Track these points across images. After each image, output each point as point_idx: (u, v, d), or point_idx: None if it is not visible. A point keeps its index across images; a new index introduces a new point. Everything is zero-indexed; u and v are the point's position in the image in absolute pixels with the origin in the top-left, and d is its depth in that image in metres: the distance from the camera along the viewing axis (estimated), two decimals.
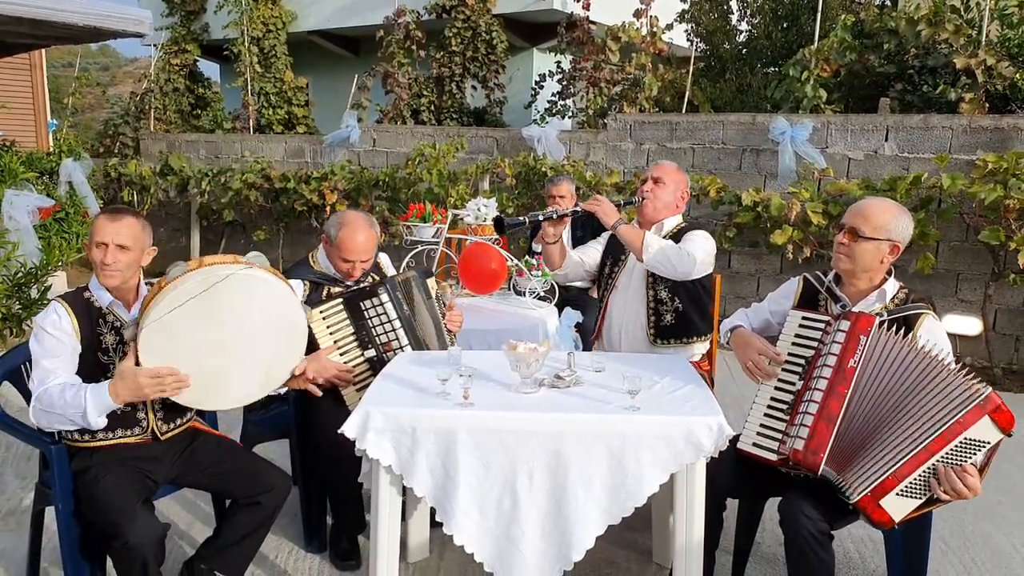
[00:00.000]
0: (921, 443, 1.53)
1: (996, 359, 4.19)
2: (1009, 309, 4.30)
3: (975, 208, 4.03)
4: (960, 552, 2.30)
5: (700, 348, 2.43)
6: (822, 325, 1.73)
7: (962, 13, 4.87)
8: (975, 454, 1.53)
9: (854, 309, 1.75)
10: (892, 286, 1.77)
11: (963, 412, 1.51)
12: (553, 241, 2.36)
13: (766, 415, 1.74)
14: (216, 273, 1.59)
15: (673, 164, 2.43)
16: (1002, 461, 3.00)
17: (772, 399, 1.75)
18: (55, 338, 1.69)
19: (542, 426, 1.61)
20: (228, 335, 1.65)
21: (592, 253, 2.55)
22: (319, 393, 1.97)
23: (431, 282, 2.30)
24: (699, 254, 2.20)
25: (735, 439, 1.71)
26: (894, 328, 1.64)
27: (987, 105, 4.58)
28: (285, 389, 1.94)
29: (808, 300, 1.86)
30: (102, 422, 1.68)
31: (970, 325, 4.27)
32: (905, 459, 1.54)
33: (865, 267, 1.74)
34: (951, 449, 1.52)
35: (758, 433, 1.74)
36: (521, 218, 2.17)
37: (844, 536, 2.26)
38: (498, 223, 2.16)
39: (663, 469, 1.61)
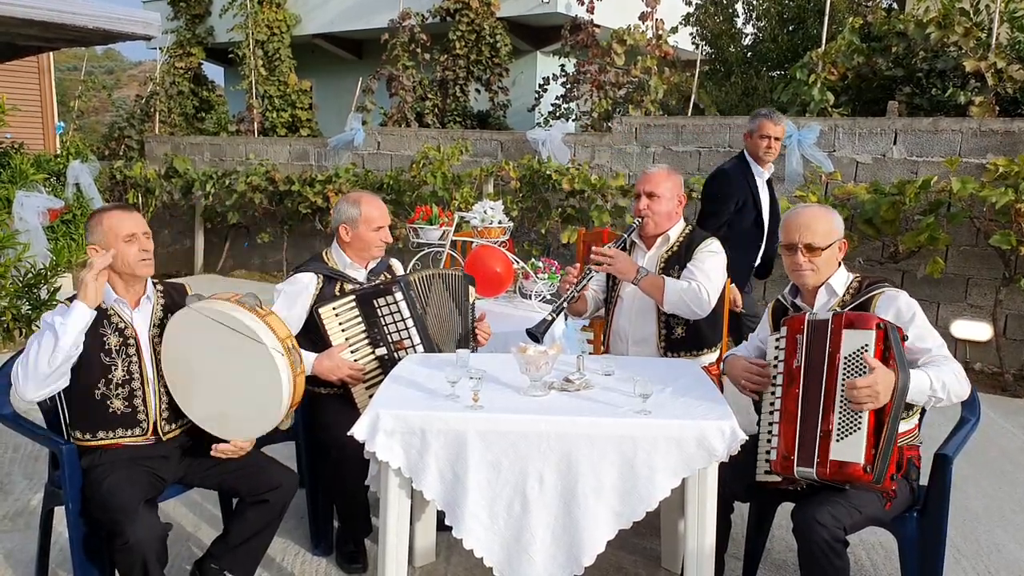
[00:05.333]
0: (821, 392, 1.60)
1: (1007, 365, 4.16)
2: (1020, 314, 4.27)
3: (985, 212, 4.01)
4: (973, 560, 2.28)
5: (709, 357, 2.41)
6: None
7: (971, 16, 4.85)
8: (864, 360, 1.55)
9: (814, 310, 1.78)
10: (841, 278, 1.80)
11: (827, 342, 1.60)
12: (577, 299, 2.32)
13: (768, 441, 1.76)
14: (260, 333, 1.69)
15: (663, 169, 2.35)
16: (1016, 470, 2.97)
17: (768, 423, 1.77)
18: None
19: (553, 429, 1.60)
20: (223, 371, 1.74)
21: (598, 279, 2.48)
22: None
23: (472, 289, 2.32)
24: (714, 290, 2.24)
25: (746, 443, 1.69)
26: (830, 318, 1.67)
27: (997, 108, 4.55)
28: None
29: (778, 320, 1.90)
30: (70, 333, 1.62)
31: (980, 330, 4.24)
32: (820, 414, 1.60)
33: (829, 273, 1.80)
34: (844, 374, 1.57)
35: (766, 460, 1.75)
36: (547, 317, 2.13)
37: (856, 543, 2.24)
38: (533, 336, 2.10)
39: (675, 473, 1.59)
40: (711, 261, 2.27)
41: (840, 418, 1.57)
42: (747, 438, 1.63)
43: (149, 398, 1.79)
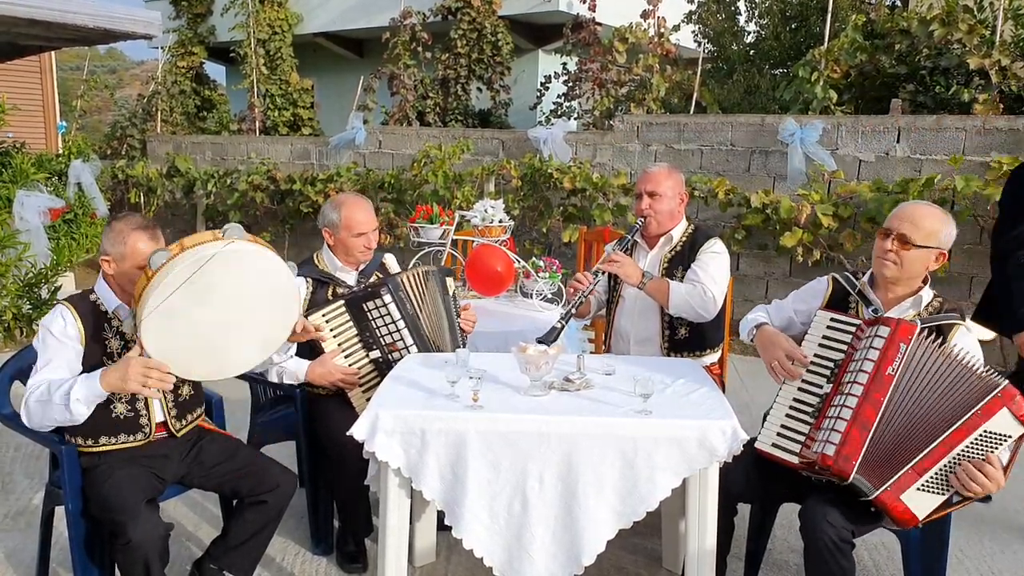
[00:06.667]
0: (940, 436, 1.52)
1: (1010, 364, 4.14)
2: None
3: (989, 211, 3.99)
4: (977, 561, 2.26)
5: (711, 357, 2.40)
6: (852, 328, 1.70)
7: (975, 13, 4.82)
8: (997, 447, 1.51)
9: (888, 314, 1.72)
10: (928, 294, 1.74)
11: (981, 404, 1.50)
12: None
13: (788, 416, 1.71)
14: (201, 254, 1.58)
15: (663, 167, 2.33)
16: (1021, 470, 2.95)
17: (795, 400, 1.71)
18: (59, 341, 1.68)
19: (552, 429, 1.59)
20: (224, 309, 1.64)
21: (601, 281, 2.46)
22: (325, 338, 1.97)
23: (450, 280, 2.29)
24: (720, 293, 2.23)
25: (749, 444, 1.68)
26: (931, 336, 1.62)
27: (1001, 106, 4.53)
28: (289, 349, 1.97)
29: (837, 301, 1.82)
30: (83, 411, 1.61)
31: (984, 330, 4.21)
32: (925, 453, 1.53)
33: (910, 275, 1.71)
34: (971, 442, 1.51)
35: (778, 434, 1.70)
36: (557, 324, 2.11)
37: (858, 543, 2.22)
38: (543, 342, 2.05)
39: (675, 473, 1.59)
40: (716, 263, 2.26)
41: (936, 473, 1.53)
42: (748, 438, 1.62)
43: (152, 401, 1.78)
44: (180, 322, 1.60)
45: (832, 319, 1.74)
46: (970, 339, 1.66)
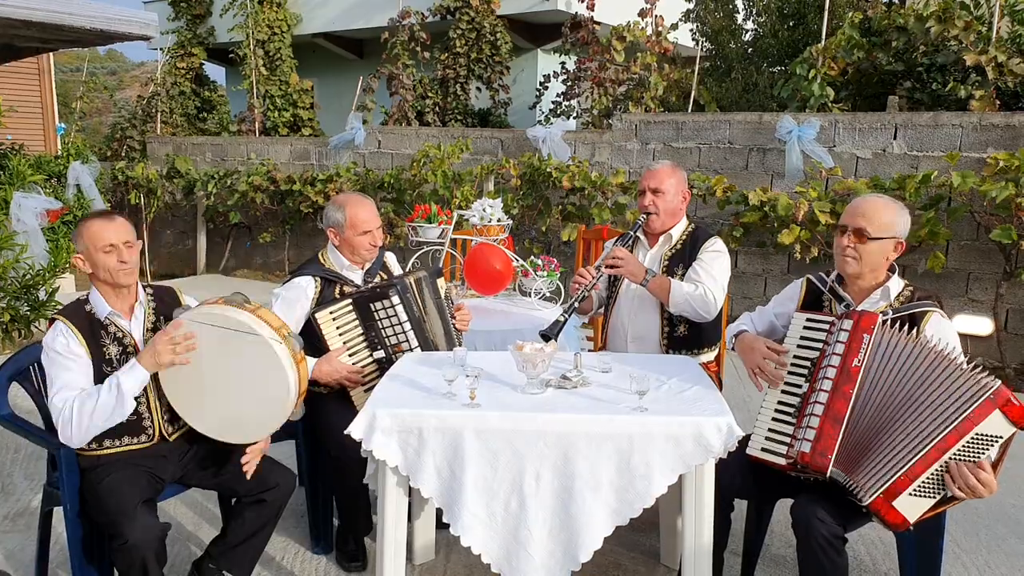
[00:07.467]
0: (932, 441, 1.52)
1: (1008, 359, 4.15)
2: (1021, 308, 4.25)
3: (986, 207, 3.99)
4: (973, 554, 2.27)
5: (708, 355, 2.41)
6: (826, 326, 1.71)
7: (972, 9, 4.82)
8: (988, 449, 1.51)
9: (859, 308, 1.73)
10: (896, 284, 1.75)
11: (973, 407, 1.50)
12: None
13: (774, 419, 1.73)
14: (256, 329, 1.67)
15: (666, 165, 2.35)
16: (1016, 465, 2.96)
17: (779, 403, 1.73)
18: (67, 358, 1.69)
19: (549, 427, 1.60)
20: (225, 374, 1.72)
21: (602, 280, 2.47)
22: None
23: (441, 281, 2.30)
24: (720, 294, 2.23)
25: (744, 440, 1.69)
26: (899, 325, 1.62)
27: (998, 102, 4.53)
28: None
29: (812, 301, 1.84)
30: (132, 403, 1.68)
31: (981, 325, 4.22)
32: (916, 458, 1.53)
33: (872, 267, 1.73)
34: (963, 445, 1.51)
35: (766, 438, 1.72)
36: (560, 318, 2.11)
37: (855, 538, 2.23)
38: (546, 338, 2.06)
39: (672, 470, 1.59)
40: (718, 263, 2.27)
41: (928, 478, 1.52)
42: (744, 434, 1.63)
43: (152, 404, 1.79)
44: (192, 353, 1.70)
45: (808, 319, 1.76)
46: (944, 326, 1.66)
